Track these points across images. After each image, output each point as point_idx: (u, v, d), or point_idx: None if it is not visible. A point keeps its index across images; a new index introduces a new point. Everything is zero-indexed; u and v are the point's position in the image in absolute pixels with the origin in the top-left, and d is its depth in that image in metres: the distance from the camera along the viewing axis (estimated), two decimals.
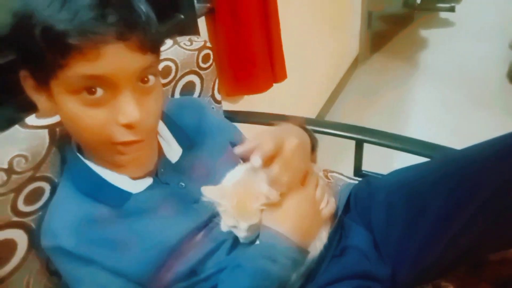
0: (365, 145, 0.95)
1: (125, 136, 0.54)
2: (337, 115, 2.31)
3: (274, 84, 1.34)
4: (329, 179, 1.00)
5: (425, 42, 3.12)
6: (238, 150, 0.57)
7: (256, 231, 0.63)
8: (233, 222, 0.62)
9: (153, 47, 0.54)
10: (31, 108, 0.59)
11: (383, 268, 0.62)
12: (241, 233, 0.62)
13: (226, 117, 0.93)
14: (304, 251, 0.60)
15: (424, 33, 3.25)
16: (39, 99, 0.56)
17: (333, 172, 1.02)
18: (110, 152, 0.57)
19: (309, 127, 0.88)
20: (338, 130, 0.96)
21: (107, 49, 0.48)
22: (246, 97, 1.42)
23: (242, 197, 0.62)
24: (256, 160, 0.53)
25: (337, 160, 1.24)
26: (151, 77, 0.55)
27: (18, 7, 0.49)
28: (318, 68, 2.17)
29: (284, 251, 0.58)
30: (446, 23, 3.36)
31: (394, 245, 0.63)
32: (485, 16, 3.28)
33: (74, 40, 0.46)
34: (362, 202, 0.70)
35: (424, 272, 0.61)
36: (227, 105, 1.33)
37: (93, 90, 0.50)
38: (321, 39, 2.14)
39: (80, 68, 0.48)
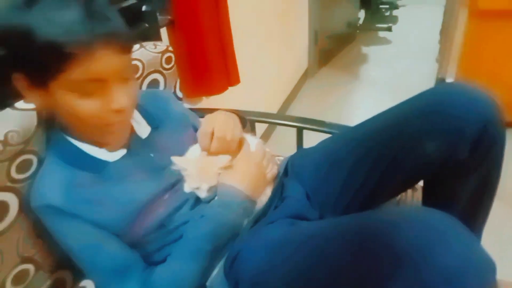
0: (306, 134, 1.14)
1: (114, 118, 0.69)
2: None
3: (230, 88, 1.52)
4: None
5: (366, 58, 3.46)
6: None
7: (214, 192, 0.79)
8: (196, 184, 0.78)
9: (128, 48, 0.69)
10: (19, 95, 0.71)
11: (313, 212, 0.80)
12: (203, 194, 0.78)
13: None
14: (253, 202, 0.77)
15: (365, 49, 3.61)
16: (31, 94, 0.68)
17: (279, 156, 1.20)
18: (100, 132, 0.71)
19: (260, 119, 1.09)
20: (283, 120, 1.16)
21: (97, 54, 0.61)
22: (205, 100, 1.58)
23: (204, 164, 0.78)
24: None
25: (283, 147, 1.43)
26: (129, 71, 0.70)
27: (16, 23, 0.60)
28: (272, 76, 2.39)
29: (237, 201, 0.75)
30: (384, 41, 3.75)
31: (320, 193, 0.82)
32: (417, 35, 3.70)
33: (72, 50, 0.59)
34: (296, 165, 0.89)
35: (343, 213, 0.79)
36: (187, 106, 1.48)
37: (88, 85, 0.63)
38: (273, 52, 2.37)
39: (77, 71, 0.61)
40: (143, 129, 0.83)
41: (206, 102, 1.58)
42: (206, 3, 1.26)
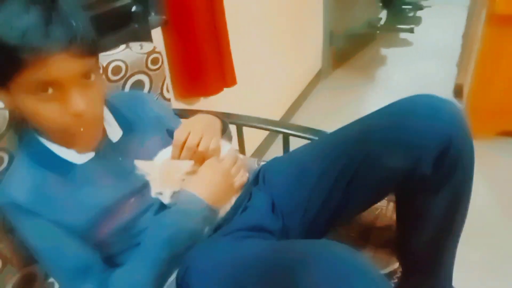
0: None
1: (75, 122, 0.68)
2: (299, 121, 2.49)
3: (231, 89, 1.51)
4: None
5: (385, 60, 3.37)
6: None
7: (178, 198, 0.78)
8: (159, 189, 0.77)
9: (90, 53, 0.67)
10: None
11: (275, 223, 0.79)
12: (166, 199, 0.77)
13: (176, 113, 1.08)
14: (214, 211, 0.76)
15: (384, 51, 3.51)
16: (0, 96, 0.69)
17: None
18: (64, 134, 0.72)
19: (246, 123, 1.08)
20: (269, 125, 1.14)
21: (52, 59, 0.61)
22: (203, 101, 1.59)
23: (167, 169, 0.78)
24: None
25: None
26: (92, 75, 0.69)
27: None
28: (279, 77, 2.36)
29: (197, 209, 0.74)
30: (405, 43, 3.64)
31: (285, 204, 0.80)
32: (440, 37, 3.56)
33: (24, 55, 0.59)
34: (267, 173, 0.88)
35: (310, 224, 0.77)
36: (182, 106, 1.49)
37: (45, 89, 0.64)
38: (282, 51, 2.34)
39: (32, 75, 0.61)
40: (114, 132, 0.84)
41: (203, 103, 1.58)
42: (200, 2, 1.25)
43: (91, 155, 0.79)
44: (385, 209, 0.94)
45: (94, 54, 0.70)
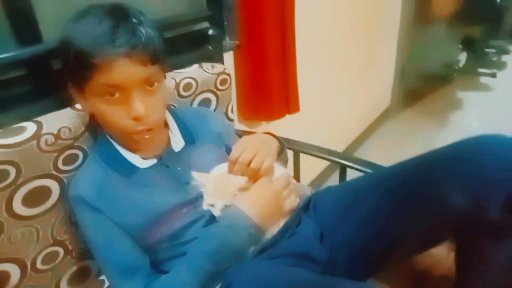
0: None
1: (136, 126, 0.75)
2: (361, 157, 2.41)
3: (294, 117, 1.54)
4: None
5: (460, 104, 3.17)
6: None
7: (229, 212, 0.79)
8: (212, 201, 0.79)
9: (153, 61, 0.73)
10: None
11: (322, 253, 0.76)
12: (217, 212, 0.79)
13: (238, 134, 1.12)
14: (260, 229, 0.76)
15: (461, 95, 3.31)
16: (80, 100, 0.79)
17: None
18: (128, 138, 0.79)
19: (303, 150, 1.09)
20: (325, 154, 1.13)
21: (116, 63, 0.68)
22: (265, 125, 1.62)
23: (221, 182, 0.80)
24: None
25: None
26: (155, 83, 0.75)
27: (61, 34, 0.72)
28: (344, 110, 2.33)
29: (243, 224, 0.74)
30: (486, 88, 3.40)
31: (334, 234, 0.77)
32: None
33: (93, 59, 0.67)
34: (319, 201, 0.86)
35: (357, 259, 0.74)
36: (245, 128, 1.53)
37: (112, 93, 0.72)
38: (349, 84, 2.31)
39: (100, 79, 0.69)
40: (177, 142, 0.88)
41: (265, 127, 1.61)
42: (273, 30, 1.31)
43: (154, 161, 0.84)
44: (444, 258, 0.86)
45: (156, 63, 0.74)
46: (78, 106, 0.87)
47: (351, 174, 1.00)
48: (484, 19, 3.57)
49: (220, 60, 1.23)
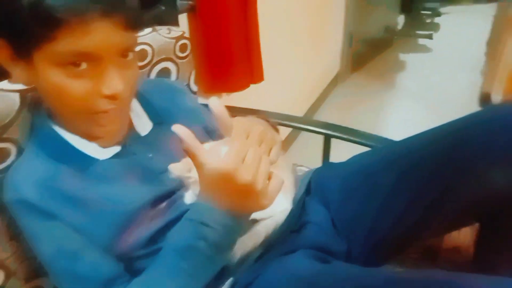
0: (334, 144, 0.99)
1: (106, 105, 0.57)
2: None
3: (252, 86, 1.39)
4: (298, 173, 1.03)
5: (403, 65, 3.25)
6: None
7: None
8: None
9: (134, 26, 0.57)
10: (4, 74, 0.61)
11: (339, 243, 0.65)
12: None
13: None
14: (236, 219, 0.58)
15: (402, 56, 3.40)
16: (15, 68, 0.58)
17: (301, 166, 1.05)
18: (88, 122, 0.60)
19: (284, 122, 0.95)
20: (309, 125, 1.01)
21: (93, 26, 0.51)
22: (225, 96, 1.46)
23: None
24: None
25: (307, 156, 1.28)
26: (130, 53, 0.59)
27: None
28: (299, 77, 2.24)
29: (214, 217, 0.56)
30: (424, 49, 3.52)
31: (348, 221, 0.66)
32: (460, 44, 3.44)
33: (62, 15, 0.49)
34: (322, 183, 0.74)
35: (377, 247, 0.64)
36: (204, 101, 1.36)
37: (78, 63, 0.53)
38: (303, 51, 2.23)
39: (67, 43, 0.51)
40: (143, 125, 0.71)
41: (225, 99, 1.46)
42: None
43: (116, 149, 0.66)
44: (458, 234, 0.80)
45: (137, 29, 0.59)
46: (1, 84, 0.65)
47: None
48: None
49: (175, 23, 1.04)
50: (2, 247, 0.65)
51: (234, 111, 1.06)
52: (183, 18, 1.17)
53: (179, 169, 0.65)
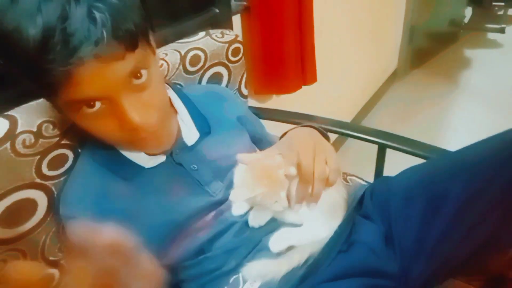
0: (390, 153, 0.93)
1: (137, 135, 0.56)
2: (370, 125, 2.27)
3: (304, 87, 1.35)
4: (348, 182, 0.98)
5: (470, 62, 3.00)
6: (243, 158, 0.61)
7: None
8: (275, 197, 0.60)
9: (132, 47, 0.50)
10: None
11: (392, 264, 0.60)
12: (284, 202, 0.60)
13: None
14: None
15: (469, 52, 3.14)
16: (54, 110, 0.60)
17: (352, 175, 1.00)
18: (129, 146, 0.62)
19: (333, 129, 0.91)
20: (361, 133, 0.95)
21: (81, 73, 0.46)
22: (275, 97, 1.43)
23: (265, 174, 0.60)
24: (292, 170, 0.58)
25: (359, 165, 1.21)
26: (143, 71, 0.53)
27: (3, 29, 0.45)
28: (354, 76, 2.15)
29: None
30: (494, 44, 3.23)
31: (411, 237, 0.60)
32: None
33: (46, 77, 0.45)
34: (380, 197, 0.68)
35: (439, 266, 0.58)
36: (254, 103, 1.35)
37: (92, 103, 0.51)
38: (360, 47, 2.13)
39: (65, 96, 0.48)
40: (190, 134, 0.70)
41: (275, 101, 1.43)
42: None
43: (161, 158, 0.67)
44: None
45: (137, 47, 0.51)
46: None
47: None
48: None
49: (229, 26, 1.03)
50: (57, 248, 0.69)
51: (281, 115, 1.05)
52: (236, 20, 1.16)
53: (239, 193, 0.61)
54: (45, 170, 0.64)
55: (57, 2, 0.43)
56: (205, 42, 0.89)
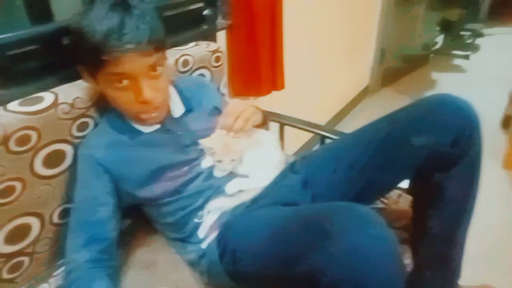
0: None
1: (143, 108, 0.87)
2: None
3: (280, 93, 1.65)
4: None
5: (434, 84, 3.33)
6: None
7: (234, 165, 0.93)
8: (220, 158, 0.92)
9: (156, 50, 0.82)
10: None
11: (304, 198, 0.91)
12: (226, 166, 0.92)
13: None
14: None
15: (436, 75, 3.47)
16: (90, 82, 0.89)
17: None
18: (136, 116, 0.91)
19: (287, 122, 1.22)
20: (327, 133, 1.27)
21: (124, 57, 0.77)
22: (252, 100, 1.73)
23: (226, 143, 0.92)
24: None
25: None
26: (159, 68, 0.84)
27: (72, 25, 0.79)
28: (327, 87, 2.46)
29: None
30: (458, 69, 3.58)
31: (318, 185, 0.92)
32: (495, 67, 3.47)
33: (105, 55, 0.76)
34: (305, 159, 1.00)
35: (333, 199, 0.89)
36: None
37: (121, 80, 0.81)
38: (334, 62, 2.44)
39: (111, 69, 0.78)
40: (177, 109, 1.00)
41: (253, 102, 1.72)
42: (263, 11, 1.40)
43: (156, 126, 0.95)
44: (405, 211, 1.01)
45: (159, 51, 0.84)
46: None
47: None
48: (463, 2, 3.73)
49: (213, 39, 1.33)
50: (61, 197, 0.94)
51: None
52: (222, 34, 1.46)
53: (206, 141, 0.93)
54: (74, 131, 0.91)
55: (118, 13, 0.76)
56: (194, 50, 1.19)
